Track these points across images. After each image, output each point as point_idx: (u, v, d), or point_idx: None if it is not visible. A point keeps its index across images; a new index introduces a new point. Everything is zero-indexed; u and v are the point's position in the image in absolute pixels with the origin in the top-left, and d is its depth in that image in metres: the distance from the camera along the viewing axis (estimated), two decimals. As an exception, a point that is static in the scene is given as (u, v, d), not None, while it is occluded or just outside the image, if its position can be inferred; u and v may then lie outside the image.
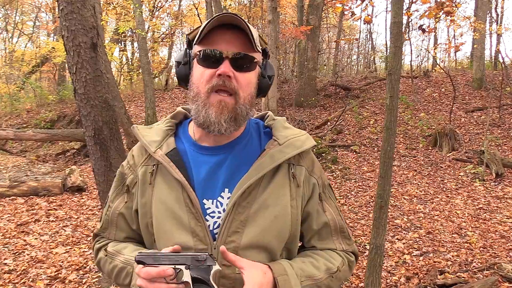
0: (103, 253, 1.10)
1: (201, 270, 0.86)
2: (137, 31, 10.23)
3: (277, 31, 9.38)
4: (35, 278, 3.56)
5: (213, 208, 0.99)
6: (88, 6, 2.89)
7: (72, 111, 12.33)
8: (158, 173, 1.03)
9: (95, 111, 2.90)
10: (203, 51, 0.96)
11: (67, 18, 2.83)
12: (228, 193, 0.99)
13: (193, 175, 1.01)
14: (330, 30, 20.42)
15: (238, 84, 0.95)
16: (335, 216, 1.11)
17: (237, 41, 0.95)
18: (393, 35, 2.77)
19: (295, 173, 1.03)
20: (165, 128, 1.09)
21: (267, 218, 0.97)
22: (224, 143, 1.04)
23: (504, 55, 14.91)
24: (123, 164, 1.13)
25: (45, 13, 21.54)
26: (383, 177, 2.80)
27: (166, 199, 0.99)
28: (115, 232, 1.11)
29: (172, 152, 1.03)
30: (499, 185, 6.57)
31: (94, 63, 2.90)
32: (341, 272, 1.07)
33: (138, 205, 1.04)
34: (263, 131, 1.10)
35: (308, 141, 1.06)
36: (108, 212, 1.11)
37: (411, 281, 3.61)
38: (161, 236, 0.99)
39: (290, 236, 1.03)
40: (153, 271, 0.87)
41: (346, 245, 1.12)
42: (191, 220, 0.96)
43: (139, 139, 1.07)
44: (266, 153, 1.01)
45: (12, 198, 5.95)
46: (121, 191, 1.10)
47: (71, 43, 2.85)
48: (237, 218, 0.96)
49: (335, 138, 9.40)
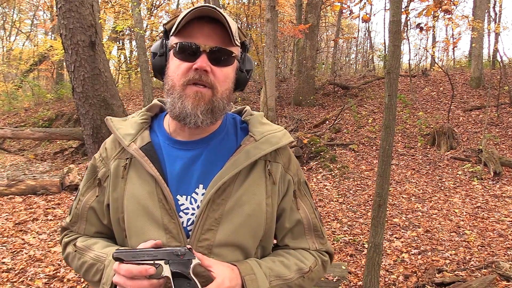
0: (71, 248, 1.07)
1: (180, 264, 0.86)
2: (135, 30, 10.20)
3: (275, 29, 9.38)
4: (33, 277, 3.56)
5: (187, 204, 0.97)
6: (86, 5, 2.88)
7: (70, 109, 12.30)
8: (132, 167, 1.00)
9: (94, 109, 2.90)
10: (180, 43, 0.93)
11: (65, 16, 2.82)
12: (202, 189, 0.97)
13: (167, 170, 0.98)
14: (328, 28, 20.43)
15: (215, 78, 0.93)
16: (309, 214, 1.08)
17: (215, 34, 0.93)
18: (391, 33, 2.77)
19: (271, 170, 1.01)
20: (140, 121, 1.06)
21: (242, 215, 0.96)
22: (200, 137, 1.02)
23: (502, 54, 14.96)
24: (95, 156, 1.10)
25: (43, 11, 21.49)
26: (381, 175, 2.80)
27: (139, 195, 0.97)
28: (85, 226, 1.08)
29: (146, 146, 1.00)
30: (497, 184, 6.59)
31: (93, 61, 2.90)
32: (314, 272, 1.05)
33: (109, 199, 1.02)
34: (239, 127, 1.08)
35: (285, 138, 1.04)
36: (78, 205, 1.08)
37: (409, 280, 3.62)
38: (132, 233, 0.97)
39: (265, 234, 1.02)
40: (135, 269, 0.85)
41: (320, 244, 1.10)
42: (164, 216, 0.94)
43: (112, 131, 1.04)
44: (242, 149, 0.98)
45: (10, 197, 5.94)
46: (92, 184, 1.07)
47: (70, 41, 2.84)
48: (211, 216, 0.95)
49: (334, 137, 9.40)
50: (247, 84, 1.06)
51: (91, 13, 2.91)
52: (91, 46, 2.88)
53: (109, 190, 1.02)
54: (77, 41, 2.84)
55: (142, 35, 10.74)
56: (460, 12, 13.29)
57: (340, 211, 5.55)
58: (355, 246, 4.39)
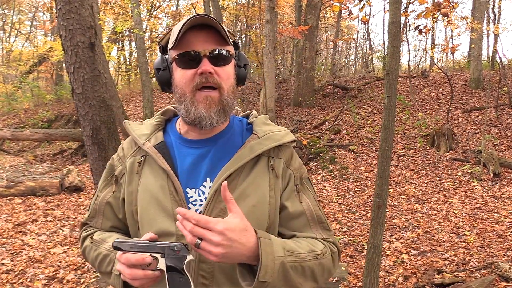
0: (89, 241, 1.13)
1: (175, 259, 0.91)
2: (135, 31, 10.21)
3: (275, 31, 9.38)
4: (33, 278, 3.56)
5: (195, 196, 1.03)
6: (86, 6, 2.89)
7: (70, 110, 12.31)
8: (146, 163, 1.08)
9: (93, 110, 2.90)
10: (181, 54, 1.01)
11: (65, 17, 2.82)
12: (210, 182, 1.04)
13: (178, 166, 1.06)
14: (328, 30, 20.46)
15: (220, 78, 1.01)
16: (312, 206, 1.10)
17: (211, 38, 1.00)
18: (391, 35, 2.78)
19: (274, 165, 1.07)
20: (155, 123, 1.15)
21: (246, 206, 1.00)
22: (208, 136, 1.09)
23: (502, 55, 14.97)
24: (113, 156, 1.18)
25: (42, 13, 21.49)
26: (381, 176, 2.80)
27: (151, 187, 1.04)
28: (101, 221, 1.15)
29: (160, 145, 1.08)
30: (496, 185, 6.60)
31: (92, 62, 2.90)
32: (324, 258, 1.04)
33: (125, 193, 1.09)
34: (245, 128, 1.15)
35: (287, 136, 1.10)
36: (96, 201, 1.15)
37: (409, 281, 3.62)
38: (145, 222, 1.03)
39: (269, 225, 1.05)
40: (133, 257, 0.90)
41: (326, 235, 1.10)
42: (175, 207, 1.00)
43: (129, 132, 1.13)
44: (246, 145, 1.06)
45: (10, 198, 5.94)
46: (109, 182, 1.14)
47: (69, 42, 2.85)
48: (217, 206, 1.00)
49: (333, 138, 9.41)
50: (246, 78, 1.13)
51: (90, 15, 2.91)
52: (90, 47, 2.88)
53: (125, 185, 1.09)
54: (76, 42, 2.84)
55: (141, 37, 10.75)
56: (460, 14, 13.30)
57: (340, 212, 5.56)
58: (354, 247, 4.39)
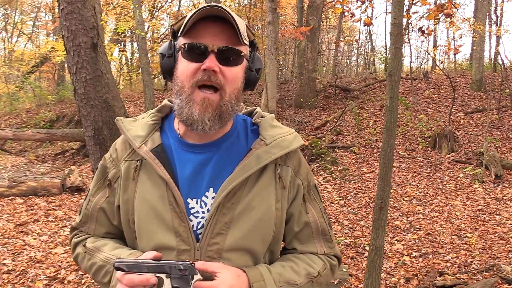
0: (81, 248, 1.07)
1: (182, 279, 0.85)
2: (136, 32, 10.22)
3: (276, 32, 9.38)
4: (34, 278, 3.55)
5: (197, 208, 0.97)
6: (88, 6, 2.89)
7: (72, 111, 12.32)
8: (142, 169, 1.00)
9: (95, 111, 2.90)
10: (188, 44, 0.92)
11: (68, 18, 2.83)
12: (212, 192, 0.97)
13: (178, 173, 0.98)
14: (329, 31, 20.44)
15: (224, 78, 0.92)
16: (318, 218, 1.07)
17: (223, 34, 0.92)
18: (393, 36, 2.77)
19: (281, 174, 1.01)
20: (151, 122, 1.05)
21: (251, 220, 0.95)
22: (210, 140, 1.00)
23: (504, 57, 14.98)
24: (105, 156, 1.09)
25: (44, 13, 21.54)
26: (382, 178, 2.80)
27: (150, 197, 0.96)
28: (94, 227, 1.08)
29: (157, 149, 0.99)
30: (498, 187, 6.58)
31: (94, 63, 2.90)
32: (322, 277, 1.05)
33: (120, 201, 1.01)
34: (250, 129, 1.06)
35: (296, 141, 1.03)
36: (89, 206, 1.08)
37: (411, 283, 3.61)
38: (143, 235, 0.97)
39: (274, 238, 1.01)
40: (137, 278, 0.85)
41: (328, 248, 1.09)
42: (175, 219, 0.94)
43: (123, 133, 1.04)
44: (252, 153, 0.97)
45: (11, 198, 5.94)
46: (102, 185, 1.06)
47: (71, 43, 2.85)
48: (221, 220, 0.94)
49: (335, 139, 9.40)
50: (256, 83, 1.03)
51: (93, 15, 2.92)
52: (93, 48, 2.88)
53: (120, 191, 1.02)
54: (79, 42, 2.85)
55: (143, 37, 10.76)
56: (462, 15, 13.27)
57: (341, 213, 5.54)
58: (356, 249, 4.38)
